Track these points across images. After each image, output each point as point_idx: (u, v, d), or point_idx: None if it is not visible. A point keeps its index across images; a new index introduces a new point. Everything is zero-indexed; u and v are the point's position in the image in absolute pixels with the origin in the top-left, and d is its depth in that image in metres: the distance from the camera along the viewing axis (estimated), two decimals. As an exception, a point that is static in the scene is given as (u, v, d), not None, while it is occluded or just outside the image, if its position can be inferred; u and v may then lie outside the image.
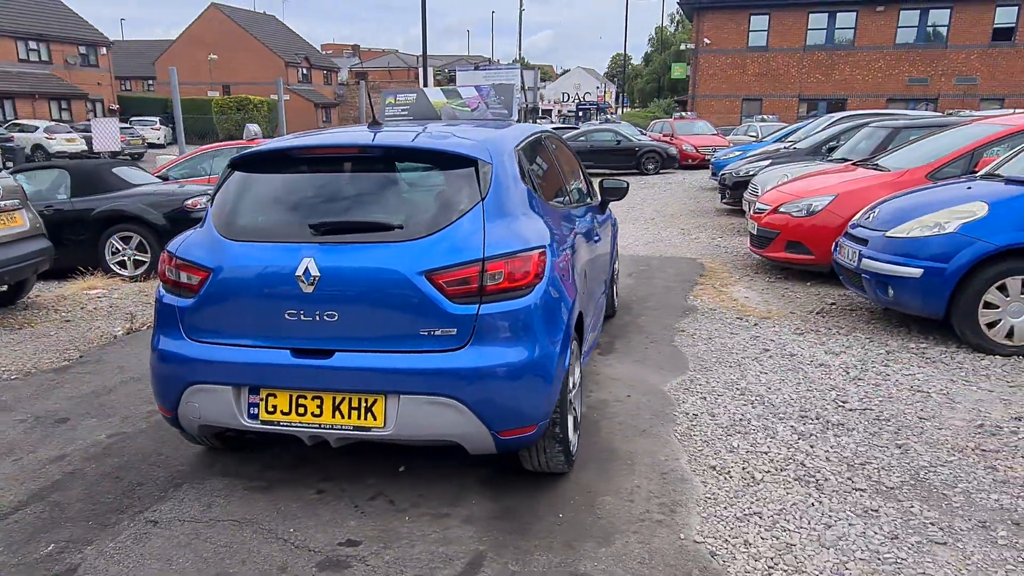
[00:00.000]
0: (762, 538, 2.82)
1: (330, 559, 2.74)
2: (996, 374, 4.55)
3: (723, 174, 12.57)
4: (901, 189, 6.55)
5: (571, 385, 3.27)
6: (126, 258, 8.01)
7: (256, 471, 3.43)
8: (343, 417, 2.88)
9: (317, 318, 2.84)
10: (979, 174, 5.96)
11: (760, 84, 34.51)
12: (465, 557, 2.73)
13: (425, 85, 22.26)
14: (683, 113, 26.56)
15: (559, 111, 45.39)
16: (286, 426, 2.93)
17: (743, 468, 3.38)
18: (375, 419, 2.85)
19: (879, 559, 2.66)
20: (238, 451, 3.62)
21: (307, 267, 2.82)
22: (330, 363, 2.85)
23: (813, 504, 3.05)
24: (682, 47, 36.44)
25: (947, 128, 8.34)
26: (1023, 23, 31.78)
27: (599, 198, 5.18)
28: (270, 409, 2.94)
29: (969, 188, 5.34)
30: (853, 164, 8.38)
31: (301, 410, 2.92)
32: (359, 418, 2.87)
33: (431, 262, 2.80)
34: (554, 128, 18.07)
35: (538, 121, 33.86)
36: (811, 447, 3.59)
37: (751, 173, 11.44)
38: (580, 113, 43.21)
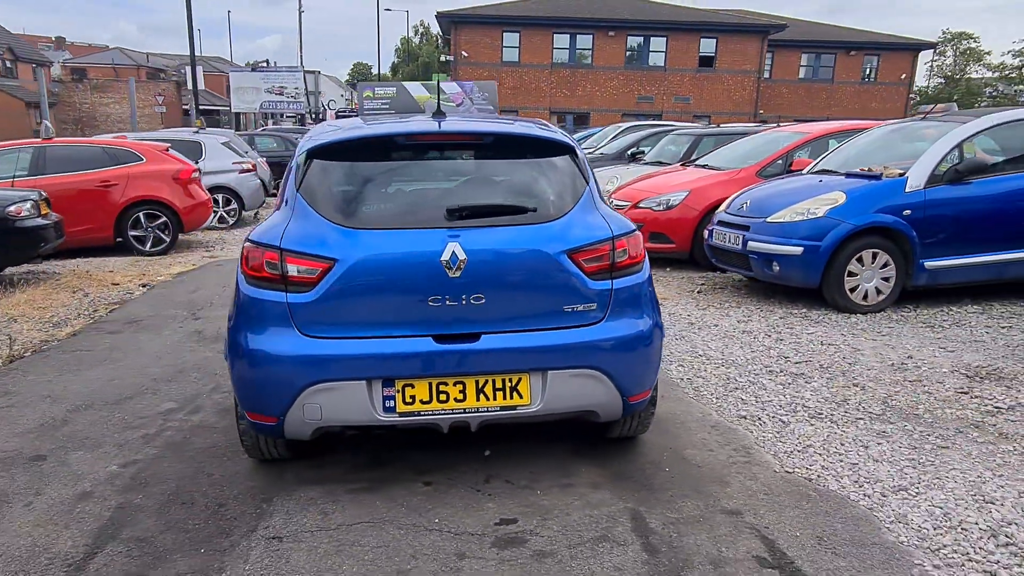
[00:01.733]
0: (830, 462, 3.39)
1: (501, 538, 2.77)
2: (866, 328, 5.70)
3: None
4: (740, 185, 7.77)
5: None
6: (-72, 278, 6.56)
7: (342, 474, 3.25)
8: (488, 399, 2.91)
9: (463, 302, 2.85)
10: (805, 171, 7.30)
11: (515, 97, 36.75)
12: (624, 514, 2.93)
13: (195, 85, 20.45)
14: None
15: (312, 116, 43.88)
16: (427, 415, 2.89)
17: (767, 415, 3.96)
18: (521, 397, 2.93)
19: (920, 463, 3.37)
20: (301, 459, 3.38)
21: (453, 252, 2.82)
22: (477, 346, 2.87)
23: (840, 433, 3.71)
24: (442, 58, 37.56)
25: (741, 136, 9.97)
26: (720, 53, 37.58)
27: None
28: (408, 400, 2.87)
29: (821, 181, 6.56)
30: (682, 165, 9.62)
31: (443, 397, 2.89)
32: (505, 398, 2.92)
33: (571, 241, 2.96)
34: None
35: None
36: (797, 393, 4.29)
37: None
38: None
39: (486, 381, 2.91)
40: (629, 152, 12.81)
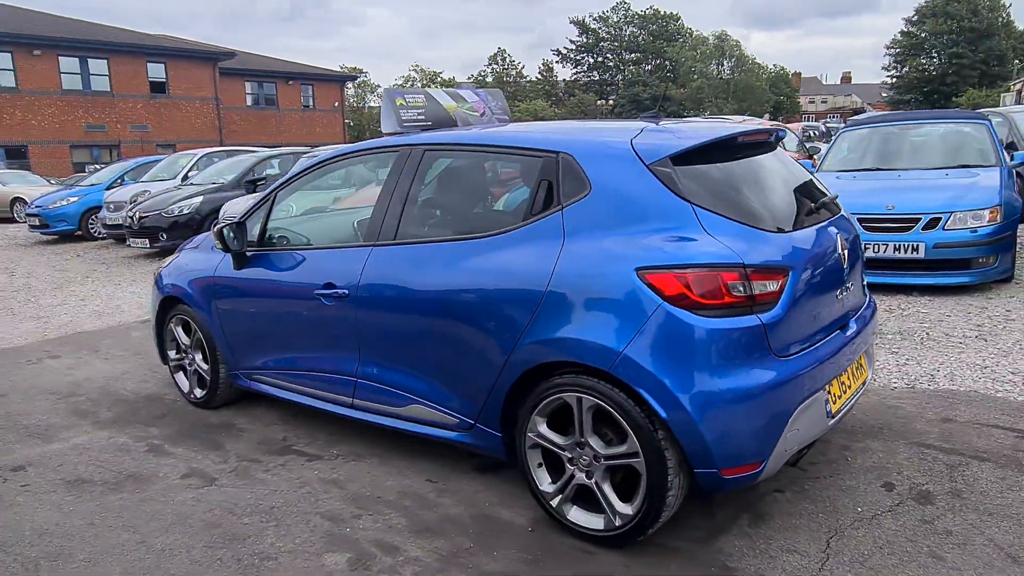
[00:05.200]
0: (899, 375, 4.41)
1: (891, 511, 2.96)
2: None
3: (143, 215, 11.09)
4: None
5: None
6: None
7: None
8: (855, 381, 3.01)
9: (847, 292, 2.91)
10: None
11: (-89, 127, 28.09)
12: (908, 478, 3.40)
13: None
14: None
15: None
16: (842, 411, 2.83)
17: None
18: (864, 372, 3.12)
19: (938, 360, 4.60)
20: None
21: (840, 243, 2.85)
22: (852, 332, 2.96)
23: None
24: None
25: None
26: (172, 79, 35.41)
27: None
28: (834, 399, 2.78)
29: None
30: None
31: (843, 388, 2.88)
32: (860, 375, 3.07)
33: None
34: None
35: None
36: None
37: (194, 209, 10.83)
38: None
39: (851, 363, 3.01)
40: (246, 180, 11.72)
